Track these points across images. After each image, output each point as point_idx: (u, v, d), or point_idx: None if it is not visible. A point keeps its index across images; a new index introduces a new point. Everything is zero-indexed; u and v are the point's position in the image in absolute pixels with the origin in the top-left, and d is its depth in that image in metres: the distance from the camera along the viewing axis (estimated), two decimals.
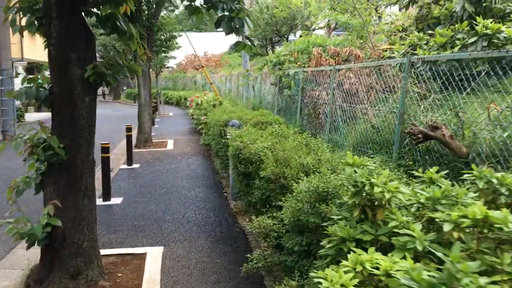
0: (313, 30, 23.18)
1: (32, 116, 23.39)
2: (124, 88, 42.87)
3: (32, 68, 41.07)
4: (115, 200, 7.10)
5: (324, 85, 7.61)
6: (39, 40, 23.68)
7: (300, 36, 28.94)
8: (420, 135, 3.72)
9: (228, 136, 6.94)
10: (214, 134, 8.67)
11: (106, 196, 7.05)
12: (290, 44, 11.70)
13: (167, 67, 27.26)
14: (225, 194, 7.53)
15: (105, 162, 7.05)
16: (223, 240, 5.32)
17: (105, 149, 7.07)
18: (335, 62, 8.51)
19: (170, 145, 13.20)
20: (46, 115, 24.65)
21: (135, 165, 10.08)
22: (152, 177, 8.86)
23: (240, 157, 5.12)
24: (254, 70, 15.63)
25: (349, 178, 2.39)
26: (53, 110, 3.89)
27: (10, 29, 4.20)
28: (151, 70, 28.12)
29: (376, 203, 2.27)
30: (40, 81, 3.94)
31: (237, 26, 3.62)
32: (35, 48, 22.71)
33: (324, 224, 2.52)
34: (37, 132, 3.82)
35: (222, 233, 5.57)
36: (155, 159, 10.91)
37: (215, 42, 41.04)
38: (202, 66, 16.23)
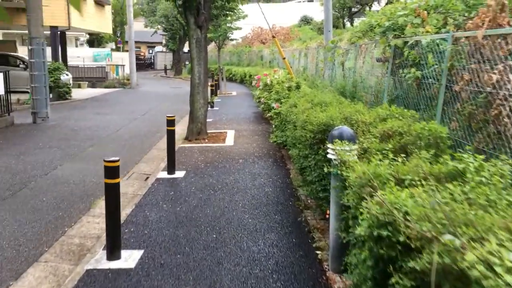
0: None
1: (83, 93, 21.33)
2: (186, 62, 40.59)
3: (93, 40, 39.70)
4: (128, 259, 4.07)
5: None
6: (89, 4, 21.36)
7: (389, 2, 24.61)
8: None
9: (332, 157, 3.67)
10: (298, 139, 5.37)
11: (112, 251, 4.05)
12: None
13: (231, 39, 24.14)
14: (317, 252, 4.28)
15: (111, 192, 4.01)
16: None
17: (111, 171, 3.99)
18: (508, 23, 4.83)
19: (229, 138, 10.11)
20: (101, 92, 22.51)
21: (178, 173, 7.08)
22: (198, 200, 5.78)
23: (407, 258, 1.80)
24: (343, 41, 12.06)
25: None
26: None
27: None
28: (213, 43, 25.04)
29: None
30: None
31: None
32: (84, 15, 20.39)
33: None
34: None
35: None
36: (208, 162, 7.86)
37: (284, 14, 37.35)
38: (274, 36, 12.89)
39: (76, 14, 18.67)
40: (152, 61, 53.59)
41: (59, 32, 22.14)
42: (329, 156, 3.78)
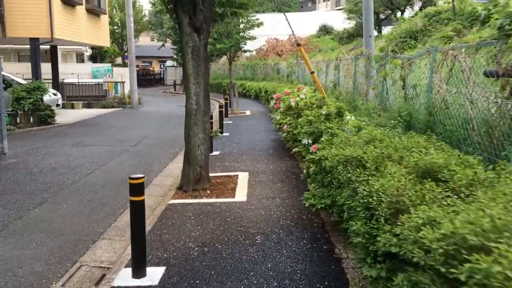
0: None
1: (74, 115, 18.53)
2: None
3: (96, 55, 37.27)
4: None
5: None
6: (80, 13, 18.62)
7: (422, 8, 21.50)
8: None
9: None
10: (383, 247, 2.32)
11: None
12: None
13: (244, 51, 21.27)
14: None
15: None
16: None
17: None
18: None
19: (241, 187, 7.08)
20: (95, 113, 19.69)
21: (151, 274, 4.07)
22: None
23: None
24: (388, 48, 9.00)
25: None
26: None
27: None
28: (225, 56, 22.02)
29: None
30: None
31: None
32: (72, 25, 17.62)
33: None
34: None
35: None
36: (205, 244, 4.83)
37: (301, 24, 34.44)
38: (299, 44, 9.95)
39: (60, 24, 15.95)
40: (162, 76, 51.20)
41: (49, 46, 19.59)
42: None
